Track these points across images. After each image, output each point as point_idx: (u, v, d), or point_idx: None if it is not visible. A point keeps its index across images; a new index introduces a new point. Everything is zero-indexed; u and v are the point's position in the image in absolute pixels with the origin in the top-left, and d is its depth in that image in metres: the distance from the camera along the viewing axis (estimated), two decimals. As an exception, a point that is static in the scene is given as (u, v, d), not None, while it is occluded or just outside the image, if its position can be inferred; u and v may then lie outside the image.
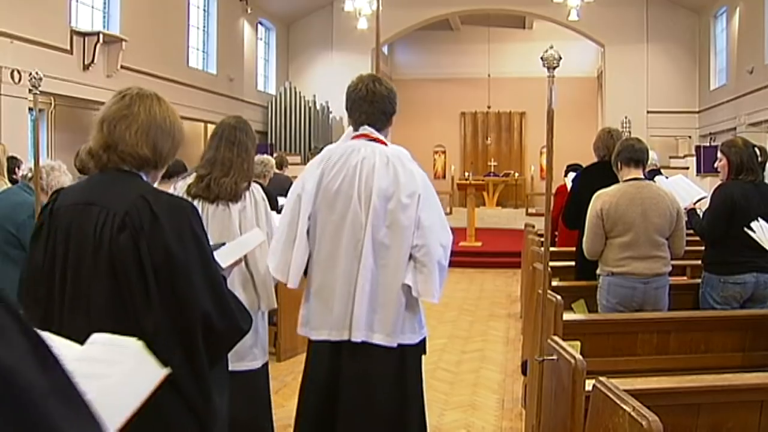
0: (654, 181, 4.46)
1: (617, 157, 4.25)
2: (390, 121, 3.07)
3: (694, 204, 4.62)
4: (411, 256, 2.85)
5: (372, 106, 3.01)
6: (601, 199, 4.12)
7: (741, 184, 4.21)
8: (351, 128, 3.10)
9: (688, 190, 4.88)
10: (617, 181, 4.24)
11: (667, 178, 5.84)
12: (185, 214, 1.94)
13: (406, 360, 2.93)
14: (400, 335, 2.87)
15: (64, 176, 4.28)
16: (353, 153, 2.93)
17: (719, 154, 4.36)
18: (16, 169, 6.62)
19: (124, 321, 1.80)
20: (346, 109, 3.11)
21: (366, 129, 2.99)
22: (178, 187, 3.51)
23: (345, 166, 2.90)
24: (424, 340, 3.02)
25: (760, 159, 4.27)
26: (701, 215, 4.44)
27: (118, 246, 1.83)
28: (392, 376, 2.90)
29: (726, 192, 4.23)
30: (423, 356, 3.05)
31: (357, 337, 2.83)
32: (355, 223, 2.85)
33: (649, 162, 5.24)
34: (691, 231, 4.60)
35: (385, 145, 2.97)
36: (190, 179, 3.50)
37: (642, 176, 4.21)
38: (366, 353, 2.86)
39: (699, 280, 4.53)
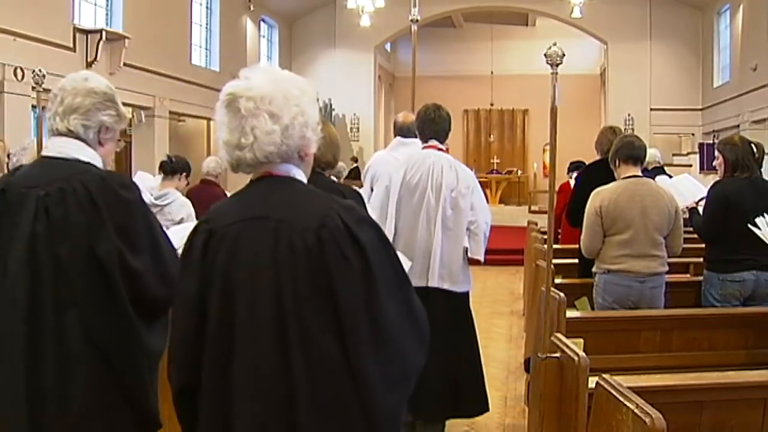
0: (655, 180, 4.45)
1: (615, 154, 4.22)
2: (447, 136, 4.24)
3: (696, 203, 4.62)
4: (467, 228, 4.08)
5: (437, 126, 4.16)
6: (600, 196, 4.10)
7: (736, 180, 4.20)
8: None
9: (691, 189, 4.88)
10: (619, 179, 4.23)
11: (671, 177, 5.85)
12: None
13: (464, 301, 4.19)
14: (461, 285, 4.10)
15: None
16: (427, 158, 4.09)
17: (716, 153, 4.36)
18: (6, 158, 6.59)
19: None
20: (418, 128, 4.25)
21: (433, 141, 4.16)
22: None
23: (421, 167, 4.06)
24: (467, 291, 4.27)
25: (756, 155, 4.26)
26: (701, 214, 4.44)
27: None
28: (453, 311, 4.05)
29: (719, 189, 4.23)
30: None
31: (433, 284, 3.97)
32: (428, 206, 4.03)
33: (651, 159, 5.25)
34: (691, 229, 4.61)
35: (446, 152, 4.18)
36: None
37: (640, 174, 4.19)
38: (437, 295, 3.95)
39: (699, 278, 4.53)
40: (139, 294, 2.05)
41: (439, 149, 4.16)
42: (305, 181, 1.79)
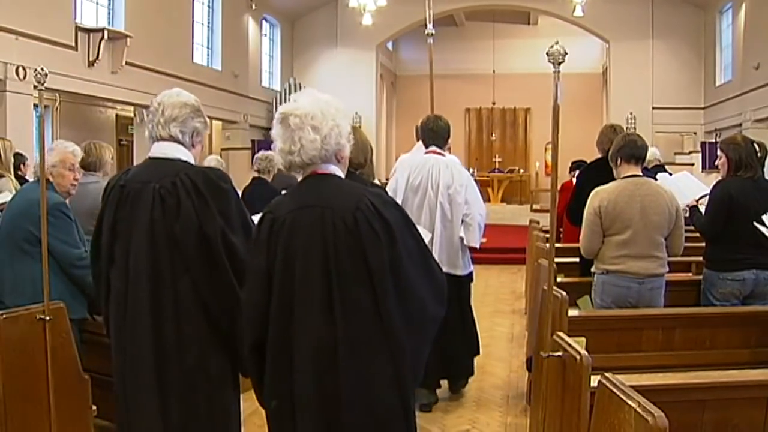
0: (656, 179, 4.44)
1: (617, 153, 4.18)
2: (447, 142, 4.98)
3: (697, 201, 4.61)
4: (462, 220, 4.79)
5: (436, 134, 4.93)
6: (599, 196, 4.08)
7: (739, 180, 4.19)
8: (421, 142, 5.14)
9: (692, 187, 4.87)
10: (621, 178, 4.22)
11: (670, 174, 5.83)
12: None
13: (463, 284, 4.93)
14: (459, 269, 4.82)
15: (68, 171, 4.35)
16: (426, 162, 4.85)
17: (719, 152, 4.35)
18: (22, 165, 6.63)
19: None
20: (420, 136, 5.05)
21: (433, 147, 4.93)
22: None
23: (422, 170, 4.82)
24: (471, 273, 5.00)
25: (759, 155, 4.25)
26: (703, 212, 4.42)
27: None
28: (455, 292, 4.43)
29: (723, 188, 4.22)
30: (471, 283, 5.08)
31: None
32: (430, 202, 4.77)
33: (651, 158, 5.24)
34: (693, 228, 4.60)
35: (444, 156, 4.91)
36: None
37: (640, 173, 4.17)
38: None
39: (700, 277, 4.53)
40: (234, 262, 2.60)
41: (439, 153, 4.90)
42: (343, 176, 2.35)
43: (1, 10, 9.03)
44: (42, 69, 3.78)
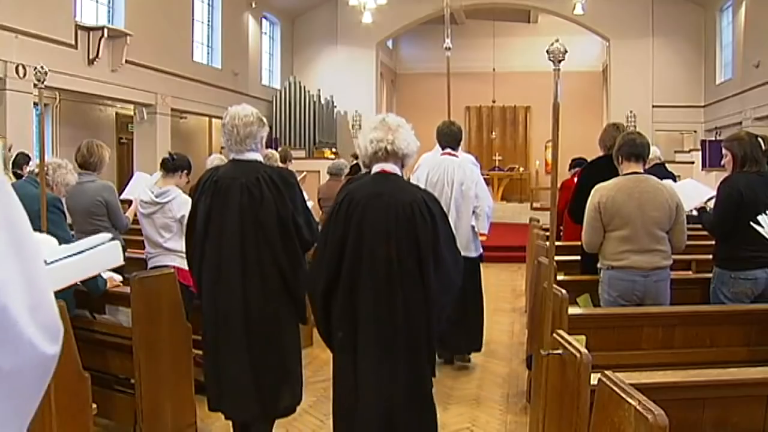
0: (657, 177, 4.43)
1: (618, 151, 4.20)
2: (459, 144, 5.82)
3: (705, 203, 4.58)
4: (473, 212, 5.65)
5: (450, 137, 5.76)
6: (599, 192, 4.10)
7: (746, 175, 4.17)
8: (438, 146, 5.88)
9: (698, 191, 4.85)
10: (622, 175, 4.22)
11: (673, 176, 5.86)
12: None
13: (475, 263, 5.76)
14: (471, 251, 5.65)
15: (70, 175, 4.45)
16: (443, 162, 5.66)
17: (723, 150, 4.33)
18: (25, 165, 6.65)
19: None
20: (437, 138, 5.81)
21: (448, 149, 5.74)
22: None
23: (439, 169, 5.62)
24: (482, 254, 5.88)
25: (764, 149, 4.23)
26: (711, 213, 4.40)
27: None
28: (470, 270, 5.36)
29: (731, 184, 4.19)
30: (481, 263, 5.93)
31: None
32: (445, 196, 5.49)
33: (651, 156, 5.23)
34: (695, 225, 4.58)
35: (458, 157, 5.74)
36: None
37: (641, 171, 4.18)
38: None
39: (704, 275, 4.51)
40: (300, 238, 3.54)
41: (453, 155, 5.72)
42: (402, 176, 3.24)
43: (1, 9, 9.02)
44: (42, 67, 3.77)
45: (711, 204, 4.51)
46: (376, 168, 3.17)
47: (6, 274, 0.96)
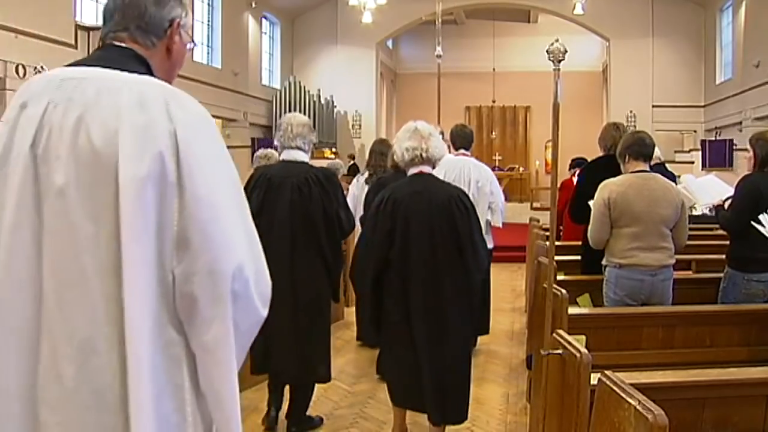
0: (678, 179, 4.42)
1: (626, 149, 4.19)
2: (471, 145, 6.17)
3: (722, 201, 4.56)
4: (489, 207, 5.99)
5: (463, 139, 6.14)
6: (608, 188, 4.09)
7: (765, 175, 4.16)
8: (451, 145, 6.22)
9: (718, 189, 4.84)
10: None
11: (674, 176, 5.85)
12: None
13: (490, 254, 5.60)
14: (487, 243, 5.46)
15: None
16: (458, 162, 5.94)
17: (748, 147, 4.30)
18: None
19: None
20: (451, 140, 6.11)
21: (462, 151, 6.10)
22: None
23: (456, 168, 5.86)
24: (493, 247, 6.20)
25: None
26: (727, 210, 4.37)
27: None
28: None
29: (751, 183, 4.14)
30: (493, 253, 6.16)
31: None
32: None
33: (654, 156, 5.22)
34: (696, 225, 4.57)
35: (470, 157, 6.13)
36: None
37: (648, 170, 4.19)
38: None
39: (704, 275, 4.51)
40: (341, 228, 4.12)
41: (466, 155, 6.10)
42: (436, 176, 3.79)
43: (1, 9, 9.02)
44: (42, 67, 3.78)
45: (728, 204, 4.48)
46: (413, 170, 3.73)
47: (245, 255, 1.40)
